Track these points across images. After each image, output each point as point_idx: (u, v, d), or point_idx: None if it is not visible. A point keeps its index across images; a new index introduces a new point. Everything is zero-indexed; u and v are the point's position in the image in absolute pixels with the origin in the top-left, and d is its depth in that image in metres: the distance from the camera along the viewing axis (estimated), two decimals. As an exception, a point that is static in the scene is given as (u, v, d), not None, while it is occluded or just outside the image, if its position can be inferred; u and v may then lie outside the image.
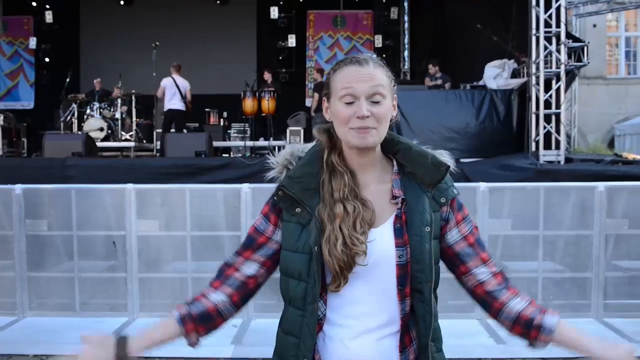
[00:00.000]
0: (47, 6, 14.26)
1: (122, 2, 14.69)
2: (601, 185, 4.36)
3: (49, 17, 14.22)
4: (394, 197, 1.39)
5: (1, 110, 11.80)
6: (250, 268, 1.44)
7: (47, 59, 14.73)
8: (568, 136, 10.87)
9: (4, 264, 4.60)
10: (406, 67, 14.55)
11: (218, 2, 14.58)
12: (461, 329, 4.27)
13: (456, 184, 1.42)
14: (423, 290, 1.34)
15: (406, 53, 14.94)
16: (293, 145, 1.51)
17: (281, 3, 14.07)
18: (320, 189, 1.39)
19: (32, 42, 14.44)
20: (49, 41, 14.52)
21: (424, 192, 1.38)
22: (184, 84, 9.92)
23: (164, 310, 4.59)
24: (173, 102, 9.65)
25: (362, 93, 1.33)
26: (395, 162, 1.44)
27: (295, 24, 14.37)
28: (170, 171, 6.32)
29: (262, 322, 4.53)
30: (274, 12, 13.91)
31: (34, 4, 14.38)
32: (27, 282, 4.58)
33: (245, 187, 4.44)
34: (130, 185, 4.49)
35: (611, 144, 18.18)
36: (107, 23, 14.80)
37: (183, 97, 9.81)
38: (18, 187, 4.55)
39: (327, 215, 1.35)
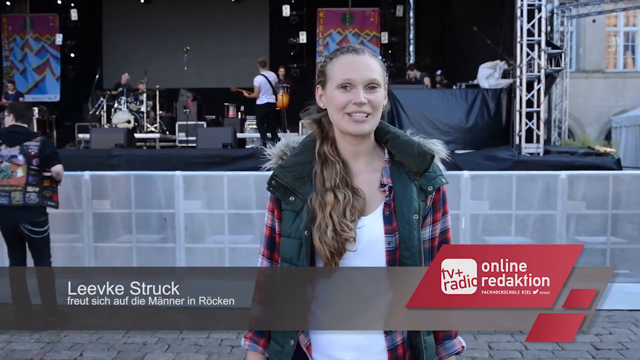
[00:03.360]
0: (72, 4, 15.14)
1: (141, 1, 15.48)
2: (563, 173, 5.30)
3: (74, 15, 15.08)
4: (382, 185, 1.41)
5: (36, 104, 12.71)
6: None
7: (72, 55, 15.63)
8: (559, 128, 11.75)
9: (74, 237, 5.61)
10: (411, 61, 15.30)
11: (233, 0, 15.38)
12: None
13: (448, 172, 1.45)
14: None
15: (411, 48, 15.72)
16: (288, 137, 1.54)
17: (292, 1, 14.75)
18: (313, 178, 1.41)
19: (59, 39, 15.34)
20: (74, 38, 15.41)
21: (411, 181, 1.40)
22: (273, 77, 10.42)
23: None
24: (268, 95, 10.18)
25: (359, 81, 1.36)
26: (386, 151, 1.46)
27: (306, 21, 15.10)
28: (201, 160, 7.26)
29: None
30: (286, 10, 14.63)
31: (59, 2, 15.21)
32: (93, 252, 5.59)
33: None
34: (178, 172, 5.47)
35: (609, 136, 18.89)
36: (128, 20, 15.66)
37: (274, 90, 10.36)
38: (86, 174, 5.55)
39: (319, 204, 1.37)
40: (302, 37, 14.94)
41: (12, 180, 4.21)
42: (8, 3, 15.83)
